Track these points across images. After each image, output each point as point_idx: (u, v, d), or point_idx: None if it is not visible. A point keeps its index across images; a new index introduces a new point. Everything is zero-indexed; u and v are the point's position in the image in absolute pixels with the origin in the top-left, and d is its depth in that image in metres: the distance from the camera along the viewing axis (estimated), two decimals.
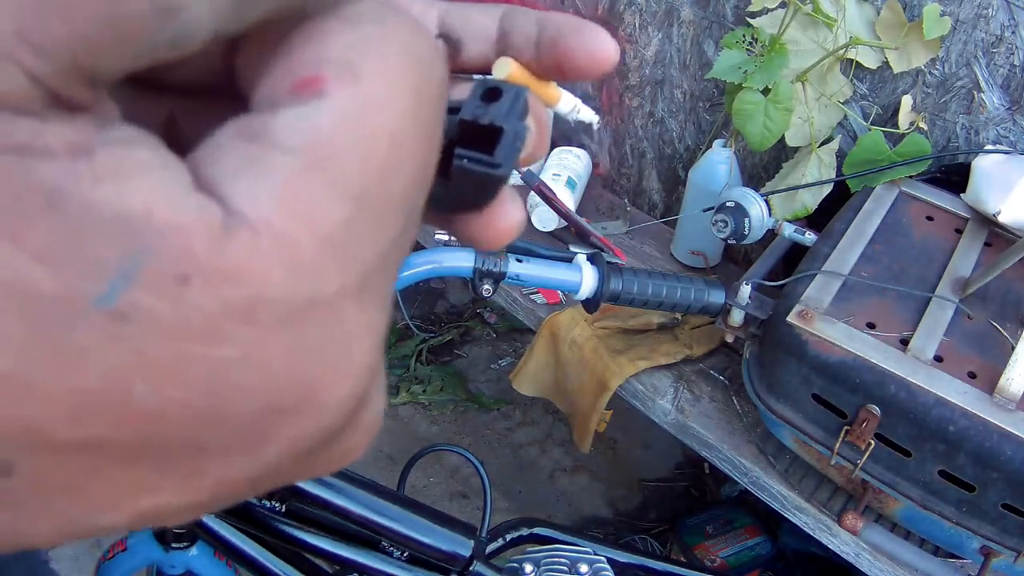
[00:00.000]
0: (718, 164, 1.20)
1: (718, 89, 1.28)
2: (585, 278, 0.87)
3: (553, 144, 1.47)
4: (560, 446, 1.88)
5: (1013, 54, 1.00)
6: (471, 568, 0.76)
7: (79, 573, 1.43)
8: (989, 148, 1.05)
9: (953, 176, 1.07)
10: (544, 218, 1.32)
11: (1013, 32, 0.99)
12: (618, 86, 1.42)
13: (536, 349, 1.22)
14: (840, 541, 0.96)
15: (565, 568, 0.80)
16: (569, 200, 1.31)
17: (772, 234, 1.10)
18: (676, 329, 1.19)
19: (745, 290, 0.97)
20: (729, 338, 1.06)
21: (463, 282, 2.12)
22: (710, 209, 1.13)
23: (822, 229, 1.04)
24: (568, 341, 1.18)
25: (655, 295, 0.91)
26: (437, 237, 1.27)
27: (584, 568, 0.80)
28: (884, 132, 1.09)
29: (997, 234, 1.00)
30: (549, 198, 1.19)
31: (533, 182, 1.22)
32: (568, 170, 1.36)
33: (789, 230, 1.08)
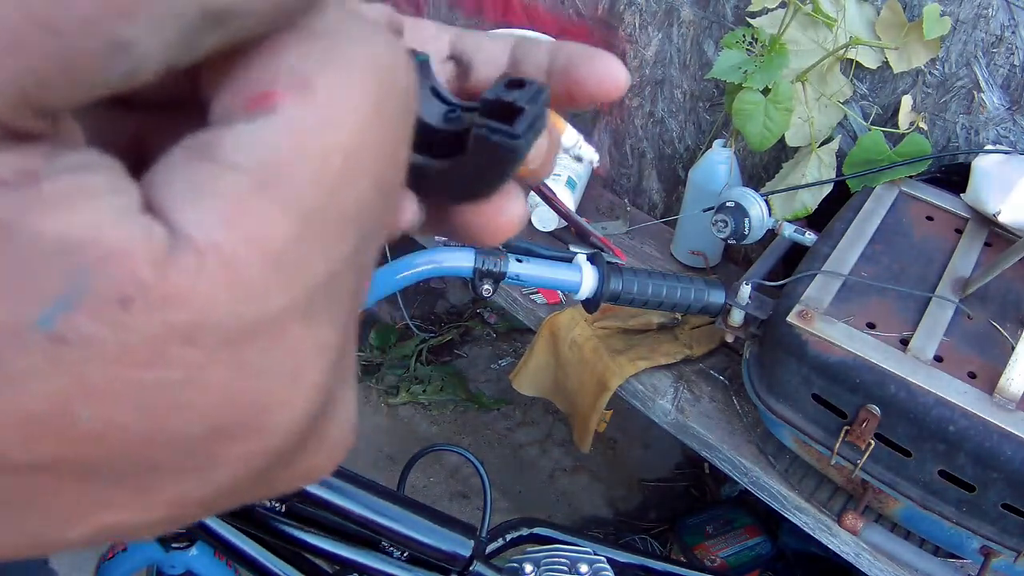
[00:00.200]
0: (718, 164, 1.20)
1: (718, 89, 1.28)
2: (585, 278, 0.87)
3: None
4: (560, 446, 1.88)
5: (1013, 54, 1.00)
6: (471, 568, 0.76)
7: (79, 573, 1.43)
8: (989, 148, 1.05)
9: (953, 176, 1.07)
10: (544, 218, 1.32)
11: (1013, 32, 0.99)
12: None
13: (536, 349, 1.22)
14: (840, 541, 0.96)
15: (565, 568, 0.80)
16: (569, 200, 1.31)
17: (772, 234, 1.10)
18: (676, 329, 1.19)
19: (745, 290, 0.97)
20: (729, 338, 1.06)
21: (463, 282, 2.12)
22: (710, 209, 1.13)
23: (822, 229, 1.04)
24: (568, 341, 1.18)
25: (655, 295, 0.91)
26: (437, 237, 1.27)
27: (584, 568, 0.80)
28: (884, 132, 1.09)
29: (997, 234, 1.00)
30: (549, 198, 1.18)
31: None
32: (568, 170, 1.36)
33: (789, 230, 1.08)
